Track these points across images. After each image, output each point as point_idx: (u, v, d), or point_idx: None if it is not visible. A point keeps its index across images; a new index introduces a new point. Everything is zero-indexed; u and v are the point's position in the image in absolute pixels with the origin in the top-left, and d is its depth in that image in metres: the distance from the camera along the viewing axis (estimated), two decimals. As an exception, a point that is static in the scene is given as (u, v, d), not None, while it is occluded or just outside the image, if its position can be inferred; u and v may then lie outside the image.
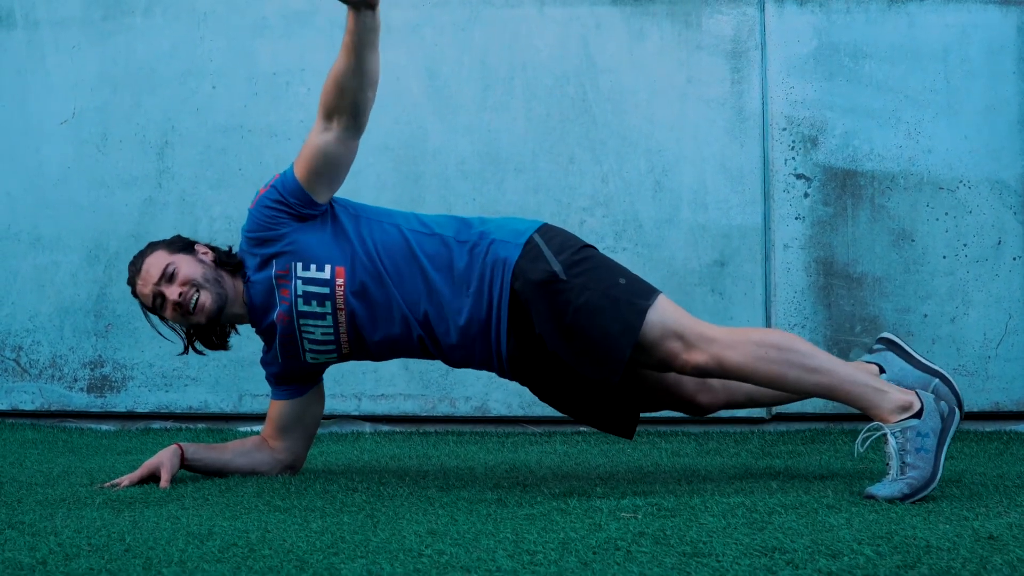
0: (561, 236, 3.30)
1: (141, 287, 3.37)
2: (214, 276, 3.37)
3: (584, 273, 3.19)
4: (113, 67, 5.46)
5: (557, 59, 5.29)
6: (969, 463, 3.87)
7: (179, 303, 3.31)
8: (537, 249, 3.22)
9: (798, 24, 5.22)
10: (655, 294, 3.18)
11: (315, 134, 3.33)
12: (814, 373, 3.04)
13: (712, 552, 2.17)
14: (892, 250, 5.12)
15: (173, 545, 2.34)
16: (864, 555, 2.12)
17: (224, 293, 3.36)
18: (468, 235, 3.29)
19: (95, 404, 5.39)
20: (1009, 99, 5.16)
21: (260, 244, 3.34)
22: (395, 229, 3.32)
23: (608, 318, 3.13)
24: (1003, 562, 2.03)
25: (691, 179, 5.20)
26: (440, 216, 3.43)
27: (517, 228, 3.30)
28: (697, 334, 3.11)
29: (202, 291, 3.33)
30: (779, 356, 3.05)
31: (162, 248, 3.42)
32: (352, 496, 3.09)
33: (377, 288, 3.25)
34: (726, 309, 5.13)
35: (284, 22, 5.39)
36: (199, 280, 3.33)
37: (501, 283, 3.21)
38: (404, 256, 3.27)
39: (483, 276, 3.23)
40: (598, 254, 3.32)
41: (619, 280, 3.21)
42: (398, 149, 5.30)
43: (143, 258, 3.40)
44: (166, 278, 3.33)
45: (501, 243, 3.25)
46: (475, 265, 3.24)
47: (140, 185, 5.39)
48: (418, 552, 2.23)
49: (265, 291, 3.35)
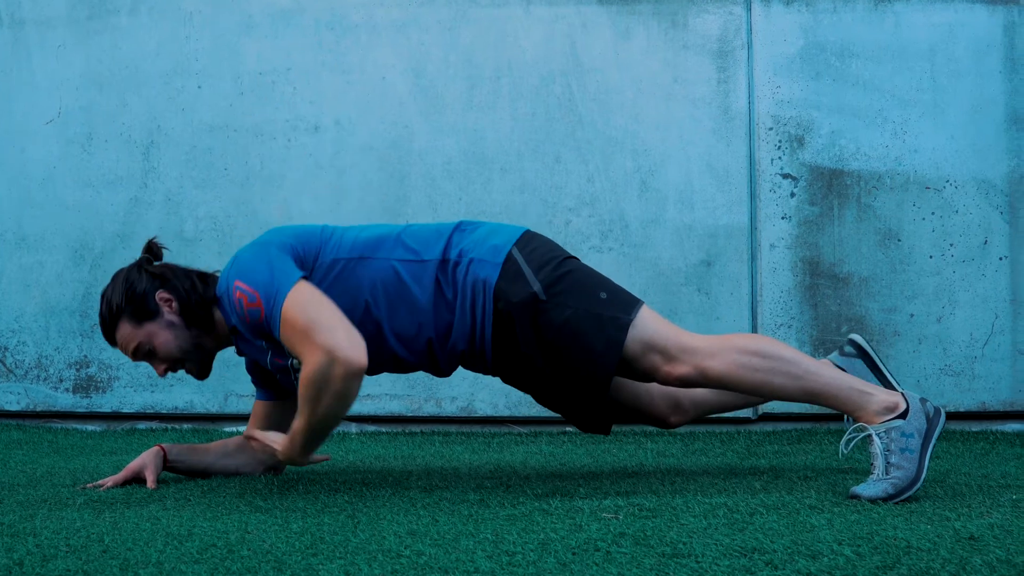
0: (541, 248, 3.25)
1: (123, 352, 3.35)
2: (192, 343, 3.31)
3: (565, 291, 3.15)
4: (98, 66, 5.44)
5: (543, 58, 5.29)
6: (954, 463, 3.87)
7: (165, 374, 3.35)
8: (516, 267, 3.17)
9: (784, 23, 5.22)
10: (637, 307, 3.16)
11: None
12: (799, 379, 3.03)
13: (692, 553, 2.17)
14: (878, 250, 5.11)
15: (152, 546, 2.33)
16: (844, 556, 2.11)
17: (206, 354, 3.36)
18: (449, 253, 3.22)
19: (81, 404, 5.38)
20: (996, 98, 5.16)
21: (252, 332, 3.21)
22: (385, 264, 3.21)
23: (591, 336, 3.11)
24: (983, 563, 2.03)
25: (677, 179, 5.19)
26: (425, 230, 3.31)
27: (495, 244, 3.22)
28: (679, 346, 3.10)
29: (186, 363, 3.34)
30: (763, 364, 3.04)
31: (127, 320, 3.29)
32: (334, 497, 3.08)
33: (373, 330, 3.18)
34: (712, 309, 5.13)
35: (270, 21, 5.38)
36: (177, 355, 3.30)
37: (483, 305, 3.18)
38: (396, 291, 3.19)
39: (465, 297, 3.19)
40: (579, 266, 3.27)
41: (600, 295, 3.17)
42: (383, 149, 5.29)
43: (112, 331, 3.31)
44: (143, 354, 3.30)
45: (479, 263, 3.19)
46: (457, 287, 3.19)
47: (125, 185, 5.38)
48: (397, 553, 2.22)
49: (255, 349, 3.32)
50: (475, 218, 5.14)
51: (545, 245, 3.28)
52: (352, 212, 5.21)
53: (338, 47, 5.35)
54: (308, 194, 5.29)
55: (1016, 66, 5.15)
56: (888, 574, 1.97)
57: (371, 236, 3.27)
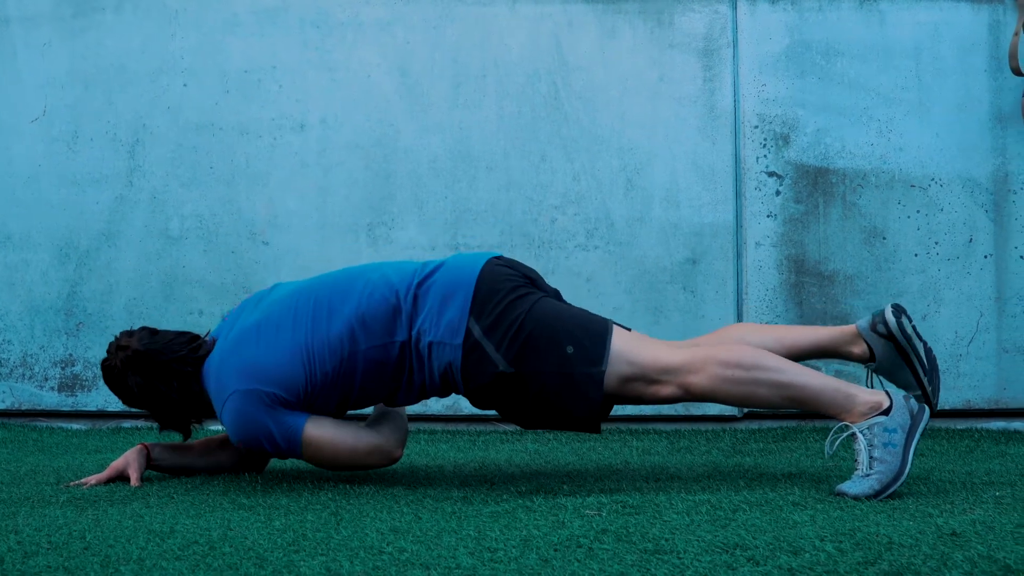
0: (498, 307, 3.15)
1: None
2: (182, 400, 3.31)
3: (530, 358, 3.10)
4: (84, 64, 5.43)
5: (529, 57, 5.28)
6: (939, 460, 3.88)
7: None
8: (478, 348, 3.11)
9: (770, 22, 5.22)
10: (606, 343, 3.10)
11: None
12: (783, 388, 3.01)
13: (673, 549, 2.17)
14: (863, 248, 5.12)
15: (133, 543, 2.32)
16: (825, 551, 2.11)
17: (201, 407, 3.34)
18: (411, 332, 3.16)
19: (66, 403, 5.36)
20: (981, 97, 5.17)
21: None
22: (362, 357, 3.16)
23: (568, 399, 3.10)
24: (964, 558, 2.03)
25: (663, 177, 5.19)
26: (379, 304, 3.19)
27: (452, 321, 3.14)
28: (657, 368, 3.07)
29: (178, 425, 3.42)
30: (746, 376, 3.02)
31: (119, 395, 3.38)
32: (318, 494, 3.07)
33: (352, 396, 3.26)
34: (698, 307, 5.13)
35: (255, 19, 5.37)
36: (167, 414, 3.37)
37: (456, 384, 3.20)
38: (378, 373, 3.19)
39: (434, 375, 3.18)
40: (540, 313, 3.16)
41: (567, 350, 3.10)
42: (369, 147, 5.28)
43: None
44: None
45: (439, 345, 3.13)
46: (425, 364, 3.17)
47: (111, 183, 5.36)
48: (379, 549, 2.22)
49: None
50: (461, 216, 5.14)
51: (501, 292, 3.18)
52: (338, 210, 5.21)
53: (323, 45, 5.35)
54: (294, 192, 5.28)
55: (1001, 65, 5.15)
56: (869, 570, 1.97)
57: (338, 332, 3.16)
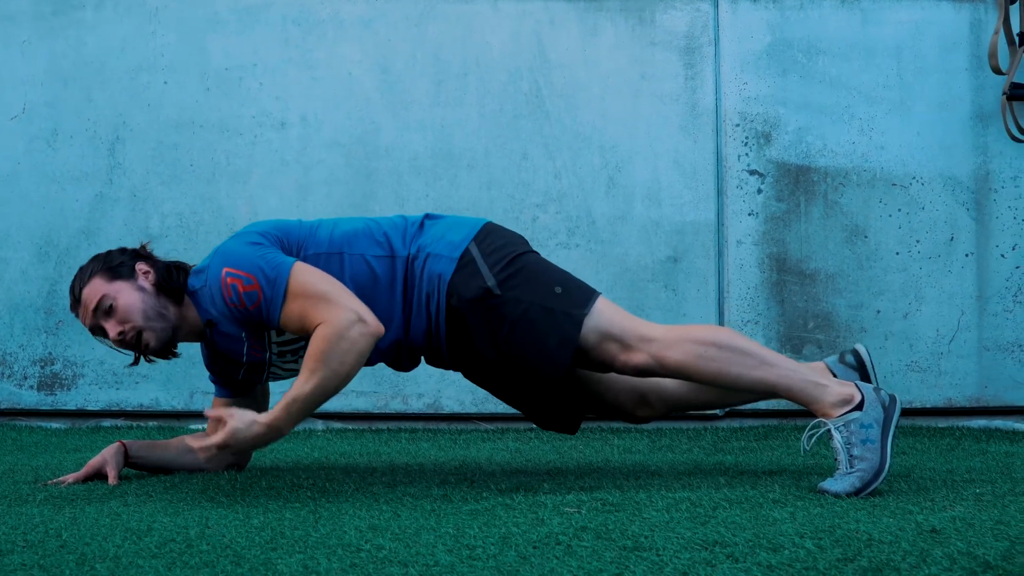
0: (499, 241, 3.23)
1: (81, 317, 3.25)
2: (156, 309, 3.22)
3: (519, 285, 3.14)
4: (63, 62, 5.41)
5: (510, 54, 5.28)
6: (919, 458, 3.88)
7: (120, 340, 3.19)
8: (472, 263, 3.16)
9: (752, 20, 5.22)
10: (593, 299, 3.14)
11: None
12: (754, 370, 3.02)
13: (653, 546, 2.16)
14: (845, 246, 5.12)
15: (110, 541, 2.31)
16: (805, 548, 2.11)
17: (168, 327, 3.22)
18: (411, 248, 3.22)
19: (45, 402, 5.34)
20: (962, 95, 5.18)
21: (236, 323, 3.19)
22: (359, 259, 3.20)
23: (544, 331, 3.11)
24: (943, 555, 2.02)
25: (644, 175, 5.19)
26: (394, 223, 3.31)
27: (453, 240, 3.21)
28: (636, 335, 3.09)
29: (144, 332, 3.19)
30: (719, 354, 3.03)
31: (99, 275, 3.23)
32: (296, 492, 3.06)
33: None
34: (679, 305, 5.13)
35: (236, 17, 5.36)
36: (139, 320, 3.18)
37: (438, 301, 3.18)
38: (369, 287, 3.18)
39: (420, 292, 3.19)
40: (537, 259, 3.25)
41: (555, 289, 3.15)
42: (350, 145, 5.27)
43: (81, 286, 3.22)
44: (103, 311, 3.19)
45: (436, 258, 3.18)
46: (414, 282, 3.20)
47: (91, 181, 5.34)
48: (357, 547, 2.21)
49: (231, 340, 3.26)
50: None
51: (504, 238, 3.27)
52: (318, 208, 5.19)
53: (304, 43, 5.34)
54: (274, 190, 5.27)
55: (982, 63, 5.16)
56: (848, 567, 1.97)
57: (345, 231, 3.25)
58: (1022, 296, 5.10)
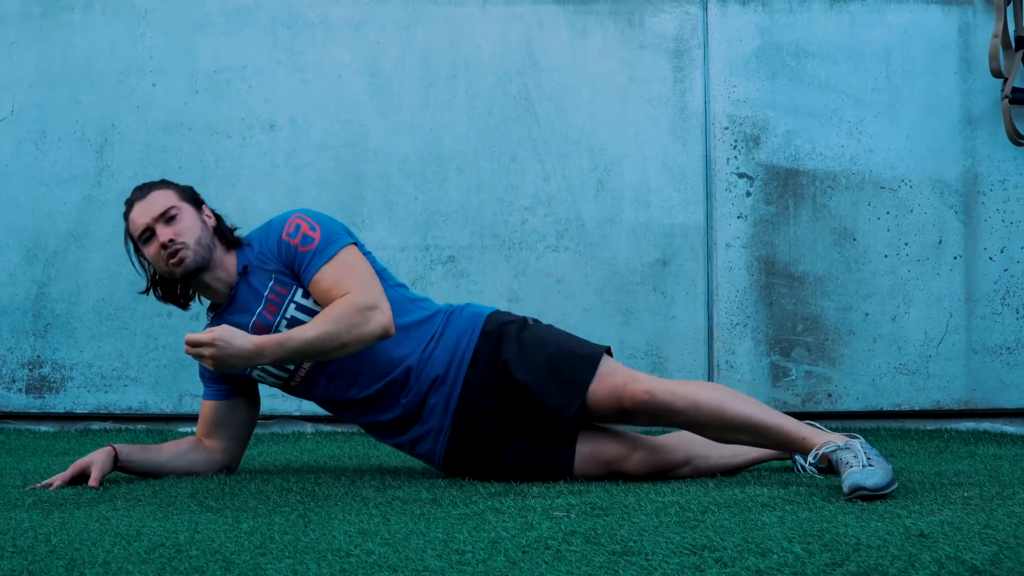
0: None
1: (137, 215, 3.37)
2: (206, 242, 3.37)
3: (547, 327, 3.43)
4: (52, 64, 5.40)
5: (499, 58, 5.28)
6: (908, 461, 3.88)
7: (165, 246, 3.29)
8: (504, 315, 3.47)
9: (741, 23, 5.23)
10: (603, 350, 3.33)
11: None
12: (750, 404, 3.13)
13: (642, 551, 2.16)
14: (834, 249, 5.13)
15: (99, 546, 2.30)
16: (793, 553, 2.11)
17: (207, 259, 3.36)
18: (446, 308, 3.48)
19: (34, 405, 5.34)
20: (951, 98, 5.19)
21: (275, 262, 3.37)
22: (393, 291, 3.39)
23: (574, 342, 3.36)
24: (931, 559, 2.02)
25: (633, 178, 5.20)
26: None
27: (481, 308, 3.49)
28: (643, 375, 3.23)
29: (188, 250, 3.32)
30: (722, 392, 3.17)
31: (174, 190, 3.44)
32: (286, 496, 3.05)
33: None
34: (668, 308, 5.13)
35: (225, 19, 5.35)
36: (190, 239, 3.33)
37: (473, 329, 3.38)
38: (401, 307, 3.35)
39: (456, 326, 3.40)
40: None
41: (575, 336, 3.41)
42: (339, 147, 5.27)
43: (151, 189, 3.41)
44: (165, 218, 3.33)
45: (476, 307, 3.48)
46: (453, 319, 3.41)
47: (79, 183, 5.34)
48: (347, 552, 2.21)
49: (253, 294, 3.36)
50: (431, 217, 5.14)
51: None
52: (308, 211, 5.19)
53: (293, 45, 5.34)
54: (263, 193, 5.27)
55: (971, 66, 5.17)
56: (837, 571, 1.97)
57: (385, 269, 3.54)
58: (1010, 299, 5.11)
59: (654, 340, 5.13)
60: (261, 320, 3.33)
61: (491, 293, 5.17)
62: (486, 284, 5.19)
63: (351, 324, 3.08)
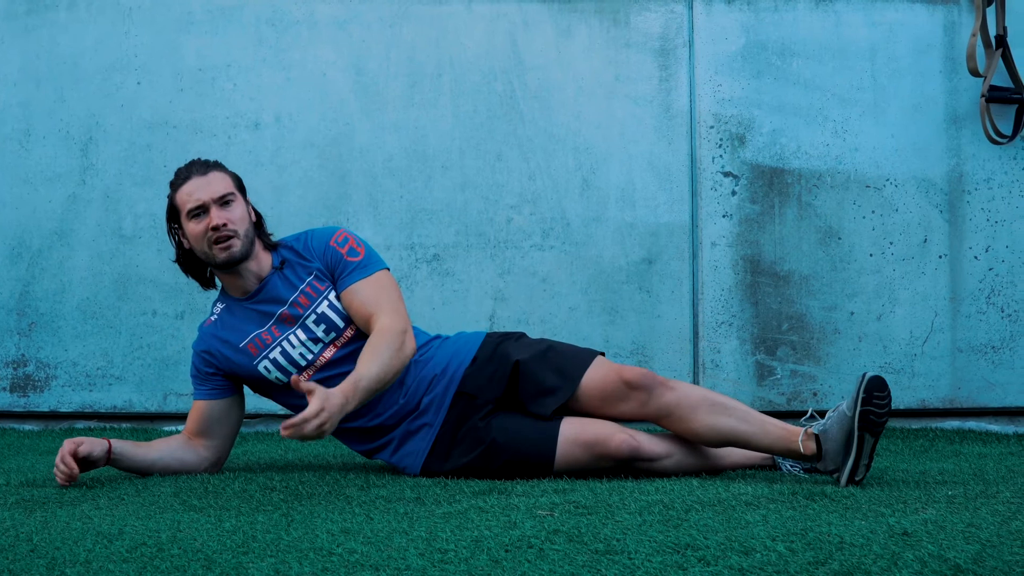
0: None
1: (194, 189, 3.45)
2: (250, 233, 3.49)
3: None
4: (36, 62, 5.38)
5: (485, 56, 5.28)
6: (893, 460, 3.89)
7: (216, 228, 3.39)
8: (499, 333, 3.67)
9: (726, 22, 5.23)
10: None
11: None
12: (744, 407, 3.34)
13: (624, 550, 2.16)
14: (819, 248, 5.13)
15: (80, 545, 2.30)
16: (776, 551, 2.11)
17: (249, 250, 3.48)
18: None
19: (18, 404, 5.32)
20: (936, 97, 5.19)
21: (318, 261, 3.54)
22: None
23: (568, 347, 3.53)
24: (914, 558, 2.02)
25: (619, 177, 5.19)
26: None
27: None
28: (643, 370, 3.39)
29: (237, 238, 3.43)
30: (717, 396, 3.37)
31: (231, 176, 3.55)
32: (269, 495, 3.05)
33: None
34: (653, 307, 5.13)
35: (210, 17, 5.34)
36: (240, 228, 3.45)
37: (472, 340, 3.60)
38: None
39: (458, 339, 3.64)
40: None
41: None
42: (324, 146, 5.26)
43: (211, 168, 3.51)
44: (223, 201, 3.45)
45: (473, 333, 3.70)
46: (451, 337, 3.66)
47: (64, 182, 5.32)
48: (329, 551, 2.20)
49: (287, 286, 3.50)
50: (416, 215, 5.14)
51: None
52: (292, 210, 5.18)
53: (278, 43, 5.32)
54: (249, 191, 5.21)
55: (956, 66, 5.18)
56: (820, 570, 1.97)
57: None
58: (995, 298, 5.11)
59: (639, 339, 5.13)
60: (290, 311, 3.45)
61: (476, 292, 5.17)
62: (471, 283, 5.18)
63: (397, 347, 3.25)
